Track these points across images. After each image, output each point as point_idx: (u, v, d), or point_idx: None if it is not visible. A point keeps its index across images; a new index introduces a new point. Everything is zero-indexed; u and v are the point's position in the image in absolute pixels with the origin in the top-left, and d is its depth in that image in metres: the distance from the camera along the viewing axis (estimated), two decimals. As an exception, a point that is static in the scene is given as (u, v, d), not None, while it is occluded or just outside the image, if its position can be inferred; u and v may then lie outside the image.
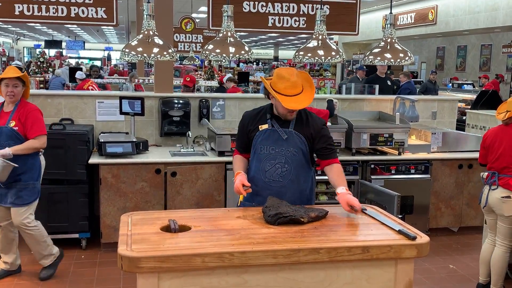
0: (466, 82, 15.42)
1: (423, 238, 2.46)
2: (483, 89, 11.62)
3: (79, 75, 10.31)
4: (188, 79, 8.51)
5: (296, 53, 4.09)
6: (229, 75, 12.66)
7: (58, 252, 4.41)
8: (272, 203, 2.76)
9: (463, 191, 5.62)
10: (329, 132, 3.17)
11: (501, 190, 3.98)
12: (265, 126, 3.10)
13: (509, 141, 4.00)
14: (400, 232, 2.51)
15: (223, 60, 3.76)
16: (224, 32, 3.76)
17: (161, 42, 3.85)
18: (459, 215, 5.68)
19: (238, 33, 4.04)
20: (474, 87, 14.55)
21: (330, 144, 3.11)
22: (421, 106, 6.33)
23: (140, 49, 3.80)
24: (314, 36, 4.06)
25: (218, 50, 3.75)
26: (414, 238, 2.43)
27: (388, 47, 4.09)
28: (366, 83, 8.67)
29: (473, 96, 10.32)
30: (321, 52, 3.97)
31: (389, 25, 4.14)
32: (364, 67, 10.81)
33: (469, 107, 9.65)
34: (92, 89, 8.89)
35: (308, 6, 5.97)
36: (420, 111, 6.17)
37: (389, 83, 8.60)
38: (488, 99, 9.01)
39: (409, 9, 16.32)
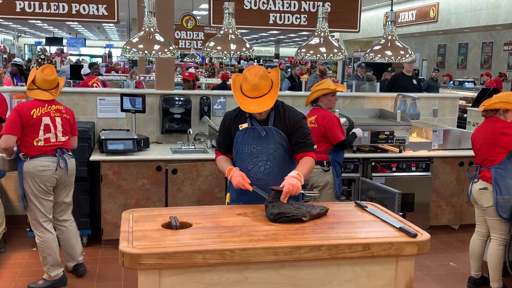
0: (468, 79, 15.39)
1: (423, 235, 2.46)
2: (484, 87, 11.60)
3: (84, 70, 10.38)
4: (187, 74, 8.48)
5: (298, 51, 4.08)
6: (191, 69, 12.28)
7: (56, 277, 4.11)
8: (274, 199, 2.74)
9: (464, 188, 5.61)
10: (306, 126, 3.10)
11: (480, 183, 4.10)
12: (245, 125, 3.06)
13: (485, 134, 4.09)
14: (401, 229, 2.51)
15: (224, 58, 3.75)
16: (225, 29, 3.76)
17: (162, 39, 3.85)
18: (460, 213, 5.68)
19: (239, 31, 4.03)
20: (475, 84, 14.53)
21: (305, 138, 3.05)
22: (422, 104, 6.33)
23: (141, 46, 3.80)
24: (316, 34, 4.05)
25: (219, 47, 3.75)
26: (415, 236, 2.42)
27: (389, 45, 4.09)
28: (391, 82, 8.23)
29: (474, 94, 10.31)
30: (323, 50, 3.96)
31: (389, 23, 4.14)
32: (363, 64, 10.78)
33: (470, 104, 9.64)
34: (96, 86, 8.90)
35: (309, 4, 5.97)
36: (421, 109, 6.18)
37: (415, 82, 8.10)
38: (489, 97, 8.98)
39: (410, 6, 16.31)
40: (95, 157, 4.87)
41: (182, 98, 5.63)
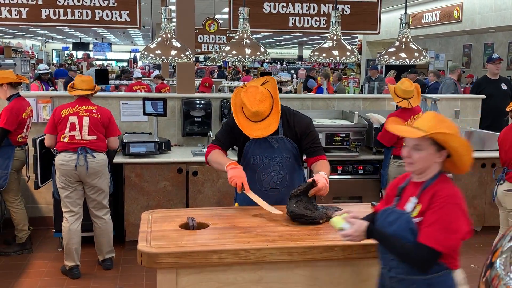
0: (493, 80, 15.13)
1: (437, 236, 2.46)
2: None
3: (136, 74, 11.72)
4: (207, 85, 8.35)
5: (312, 53, 4.12)
6: (156, 72, 12.71)
7: (66, 267, 4.40)
8: (302, 192, 2.74)
9: (486, 190, 5.55)
10: (314, 129, 3.12)
11: (506, 184, 4.08)
12: None
13: None
14: (415, 230, 2.51)
15: (246, 62, 3.79)
16: (240, 34, 3.82)
17: (179, 45, 3.92)
18: (482, 215, 5.62)
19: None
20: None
21: (315, 142, 3.08)
22: (443, 105, 6.28)
23: (158, 51, 3.88)
24: (329, 37, 4.10)
25: (234, 52, 3.81)
26: (429, 236, 2.43)
27: (403, 47, 4.10)
28: (475, 90, 7.02)
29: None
30: (336, 52, 3.99)
31: (403, 25, 4.15)
32: (378, 67, 10.70)
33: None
34: (140, 91, 9.31)
35: (328, 6, 5.98)
36: (443, 110, 6.12)
37: (504, 87, 6.90)
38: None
39: (434, 7, 16.12)
40: (118, 159, 4.97)
41: (202, 101, 5.71)
